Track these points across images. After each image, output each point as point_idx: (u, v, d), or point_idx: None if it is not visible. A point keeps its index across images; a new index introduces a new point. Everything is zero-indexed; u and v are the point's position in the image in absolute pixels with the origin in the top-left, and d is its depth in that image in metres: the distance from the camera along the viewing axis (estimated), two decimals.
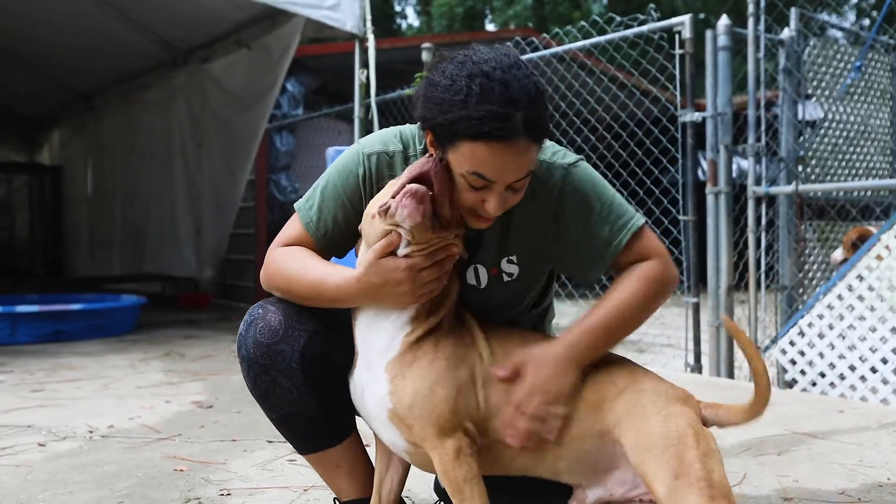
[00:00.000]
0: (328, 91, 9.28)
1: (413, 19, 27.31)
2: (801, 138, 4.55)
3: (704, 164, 4.73)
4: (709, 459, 1.38)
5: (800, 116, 4.57)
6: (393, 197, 1.39)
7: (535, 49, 5.11)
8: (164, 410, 3.26)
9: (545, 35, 5.15)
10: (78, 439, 2.81)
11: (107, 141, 10.10)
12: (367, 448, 1.75)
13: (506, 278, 1.63)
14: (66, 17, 7.76)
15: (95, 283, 8.72)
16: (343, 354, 1.57)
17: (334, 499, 1.74)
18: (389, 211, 1.39)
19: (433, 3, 21.68)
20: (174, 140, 8.49)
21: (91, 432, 2.90)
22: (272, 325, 1.57)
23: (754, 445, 2.69)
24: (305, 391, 1.58)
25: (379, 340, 1.49)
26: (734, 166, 4.29)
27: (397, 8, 26.73)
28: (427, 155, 1.44)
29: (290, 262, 1.56)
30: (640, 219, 1.58)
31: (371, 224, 1.46)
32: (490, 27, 22.46)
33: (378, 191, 1.56)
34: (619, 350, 4.94)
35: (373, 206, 1.48)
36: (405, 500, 1.75)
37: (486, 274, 1.63)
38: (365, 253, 1.46)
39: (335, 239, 1.61)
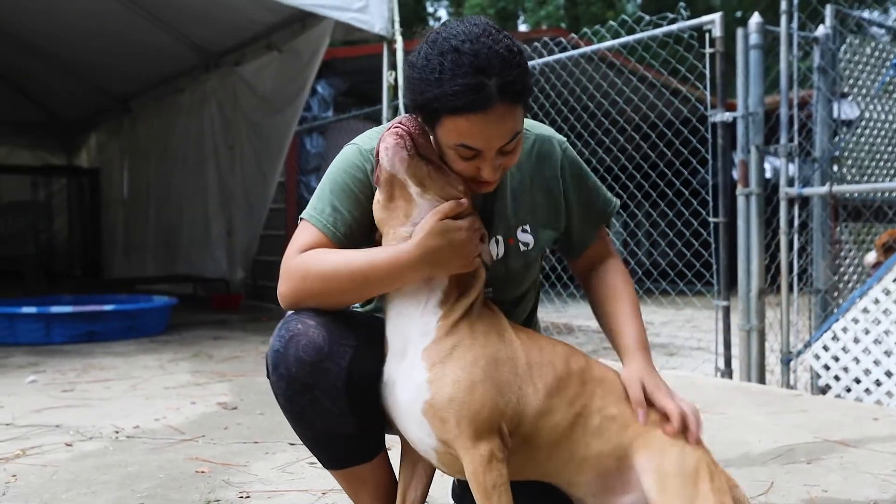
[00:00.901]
0: (358, 93, 9.32)
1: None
2: (837, 138, 4.45)
3: None
4: (724, 496, 1.39)
5: (835, 115, 4.47)
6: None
7: (564, 49, 5.06)
8: (190, 412, 3.28)
9: (573, 35, 5.11)
10: (104, 440, 2.84)
11: (142, 144, 10.25)
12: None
13: (522, 248, 1.67)
14: (104, 22, 7.91)
15: (130, 284, 8.85)
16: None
17: None
18: (380, 164, 1.41)
19: (465, 5, 21.66)
20: (207, 142, 8.59)
21: (117, 433, 2.93)
22: (316, 341, 1.46)
23: (784, 453, 2.63)
24: (347, 410, 1.49)
25: (411, 327, 1.44)
26: (769, 167, 4.21)
27: (430, 10, 26.80)
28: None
29: (321, 261, 1.48)
30: (616, 199, 1.80)
31: (383, 206, 1.47)
32: (522, 28, 22.39)
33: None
34: (652, 355, 4.87)
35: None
36: None
37: (503, 244, 1.65)
38: (420, 218, 1.43)
39: (355, 238, 1.56)
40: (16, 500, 2.18)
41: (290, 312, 1.53)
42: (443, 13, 27.90)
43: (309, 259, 1.50)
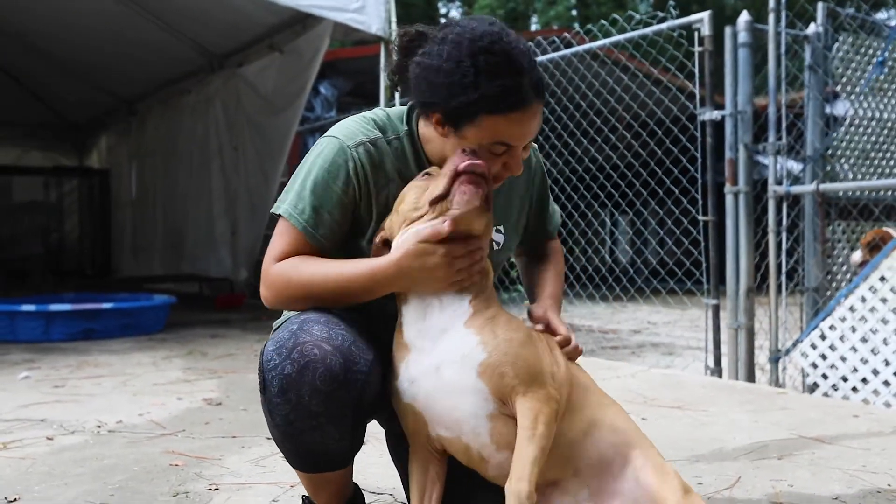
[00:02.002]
0: (361, 93, 9.37)
1: None
2: (827, 136, 4.43)
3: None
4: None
5: (828, 112, 4.46)
6: (446, 188, 1.43)
7: (563, 48, 5.07)
8: (174, 407, 3.32)
9: (569, 33, 5.12)
10: (85, 434, 2.88)
11: (149, 145, 10.36)
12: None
13: (495, 246, 1.70)
14: (113, 27, 8.03)
15: (137, 283, 8.94)
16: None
17: (303, 497, 1.74)
18: (447, 199, 1.43)
19: (475, 6, 21.68)
20: (211, 143, 8.68)
21: (99, 427, 2.97)
22: (334, 370, 1.41)
23: (756, 449, 2.63)
24: (347, 435, 1.48)
25: (444, 314, 1.47)
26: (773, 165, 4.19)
27: (442, 10, 26.85)
28: (460, 150, 1.47)
29: (300, 269, 1.51)
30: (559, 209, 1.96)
31: (406, 214, 1.49)
32: (534, 28, 22.37)
33: (370, 182, 1.56)
34: (650, 353, 4.82)
35: (414, 197, 1.49)
36: None
37: None
38: (401, 238, 1.46)
39: (336, 242, 1.57)
40: None
41: (295, 324, 1.47)
42: (455, 14, 27.95)
43: (290, 269, 1.52)
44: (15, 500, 2.14)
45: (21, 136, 12.73)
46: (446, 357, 1.44)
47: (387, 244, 1.52)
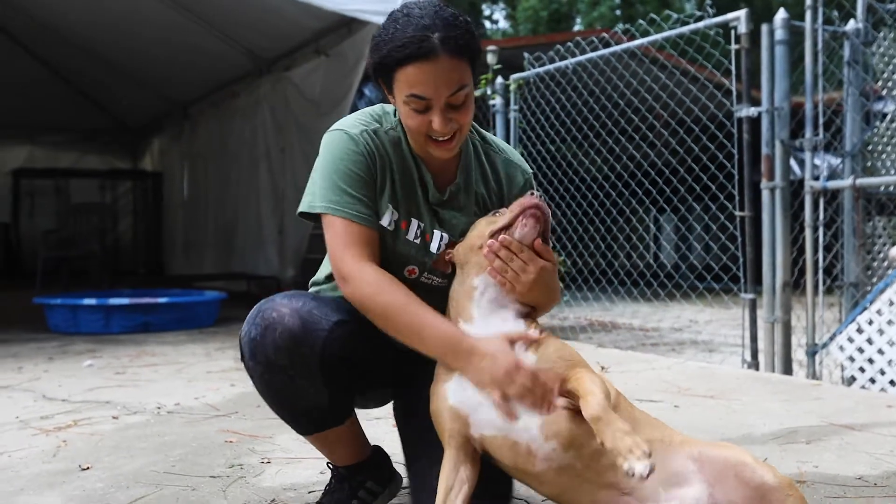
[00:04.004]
0: None
1: (504, 23, 27.48)
2: (869, 133, 4.45)
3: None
4: None
5: (868, 108, 4.47)
6: (510, 221, 1.58)
7: (602, 48, 5.16)
8: (228, 392, 3.52)
9: (608, 33, 5.20)
10: (147, 414, 3.08)
11: (200, 147, 10.69)
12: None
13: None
14: (166, 33, 8.35)
15: (188, 281, 9.25)
16: (358, 342, 1.67)
17: (327, 463, 1.89)
18: (510, 231, 1.57)
19: (518, 7, 21.76)
20: (260, 145, 8.93)
21: (159, 409, 3.18)
22: (292, 329, 1.60)
23: (784, 435, 2.70)
24: (322, 386, 1.65)
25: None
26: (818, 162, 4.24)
27: (486, 12, 26.96)
28: (529, 193, 1.62)
29: (392, 293, 1.60)
30: None
31: (472, 240, 1.63)
32: (578, 28, 22.35)
33: (376, 164, 1.69)
34: (690, 350, 4.86)
35: (482, 228, 1.63)
36: None
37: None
38: (493, 339, 1.53)
39: (379, 222, 1.70)
40: (64, 461, 2.42)
41: (263, 300, 1.69)
42: (499, 16, 28.06)
43: (385, 283, 1.60)
44: (88, 468, 2.34)
45: (79, 141, 13.25)
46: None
47: (453, 267, 1.68)
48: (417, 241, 1.76)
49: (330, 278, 1.84)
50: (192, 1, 7.66)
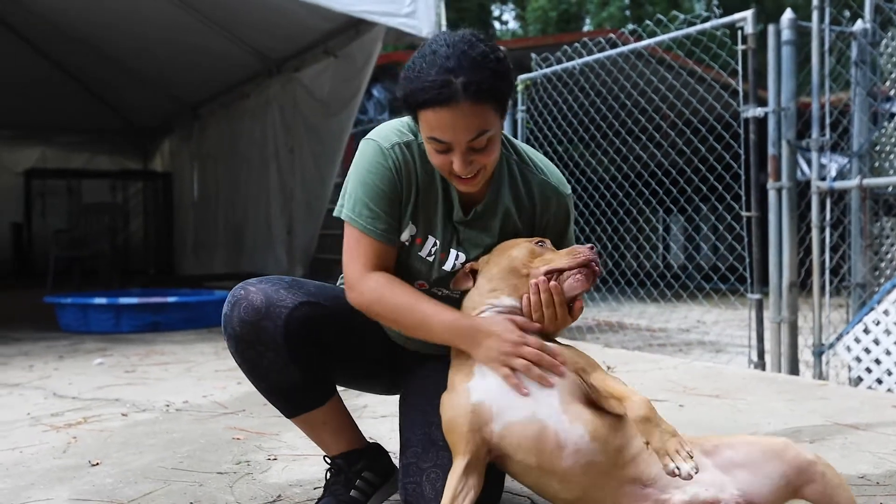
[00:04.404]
0: None
1: (513, 24, 27.49)
2: (877, 133, 4.44)
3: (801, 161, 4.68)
4: None
5: (876, 108, 4.47)
6: (569, 266, 1.59)
7: (614, 47, 5.17)
8: (235, 390, 3.55)
9: (615, 33, 5.21)
10: (155, 412, 3.12)
11: (210, 148, 10.75)
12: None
13: None
14: (176, 35, 8.41)
15: (198, 281, 9.30)
16: (324, 323, 1.77)
17: (324, 457, 1.92)
18: (561, 277, 1.58)
19: (528, 8, 21.77)
20: (269, 146, 8.98)
21: (168, 406, 3.21)
22: (255, 304, 1.71)
23: (789, 434, 2.71)
24: (289, 360, 1.74)
25: None
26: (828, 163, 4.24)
27: (496, 13, 26.96)
28: (589, 246, 1.64)
29: (395, 293, 1.69)
30: None
31: (511, 263, 1.64)
32: (587, 29, 22.35)
33: (404, 179, 1.71)
34: (698, 350, 4.90)
35: (524, 254, 1.64)
36: None
37: None
38: (495, 313, 1.62)
39: (398, 236, 1.76)
40: (74, 457, 2.46)
41: (240, 283, 1.79)
42: (508, 16, 28.06)
43: (385, 288, 1.70)
44: (97, 463, 2.37)
45: (90, 141, 13.35)
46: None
47: (473, 274, 1.70)
48: (431, 258, 1.78)
49: None
50: (201, 2, 7.71)
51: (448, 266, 1.78)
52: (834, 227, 4.21)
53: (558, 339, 1.68)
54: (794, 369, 4.11)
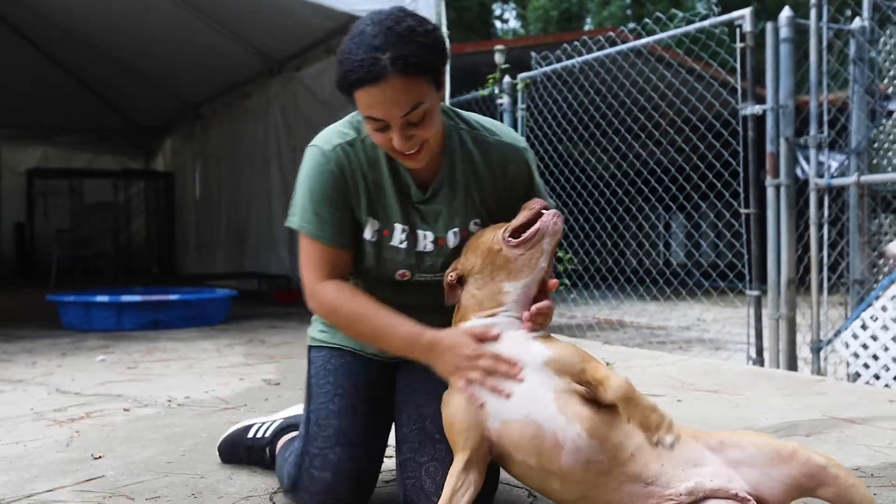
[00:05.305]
0: None
1: (514, 22, 27.53)
2: (875, 130, 4.46)
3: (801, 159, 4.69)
4: None
5: (874, 105, 4.48)
6: (529, 218, 1.64)
7: (608, 46, 5.19)
8: (237, 386, 3.58)
9: (615, 32, 5.24)
10: (157, 407, 3.15)
11: (212, 147, 10.79)
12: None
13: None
14: (178, 35, 8.44)
15: (200, 280, 9.34)
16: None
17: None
18: (539, 231, 1.61)
19: (529, 7, 21.79)
20: (271, 145, 9.01)
21: (169, 401, 3.24)
22: (367, 476, 1.78)
23: (785, 428, 2.73)
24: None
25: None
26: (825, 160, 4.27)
27: (497, 12, 27.00)
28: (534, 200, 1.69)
29: (353, 302, 1.72)
30: (553, 201, 1.91)
31: (486, 245, 1.66)
32: (588, 27, 22.36)
33: (349, 180, 1.71)
34: (697, 348, 4.91)
35: (490, 235, 1.66)
36: None
37: (457, 236, 1.80)
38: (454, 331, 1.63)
39: (352, 239, 1.76)
40: (77, 450, 2.48)
41: (328, 439, 1.77)
42: (509, 15, 28.10)
43: (341, 298, 1.72)
44: (100, 457, 2.40)
45: (92, 141, 13.40)
46: (529, 374, 1.56)
47: (460, 280, 1.70)
48: (403, 245, 1.78)
49: None
50: (203, 2, 7.74)
51: (421, 247, 1.79)
52: (832, 224, 4.23)
53: (559, 337, 1.69)
54: (792, 365, 4.13)
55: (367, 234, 1.78)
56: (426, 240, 1.79)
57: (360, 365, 1.87)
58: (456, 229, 1.80)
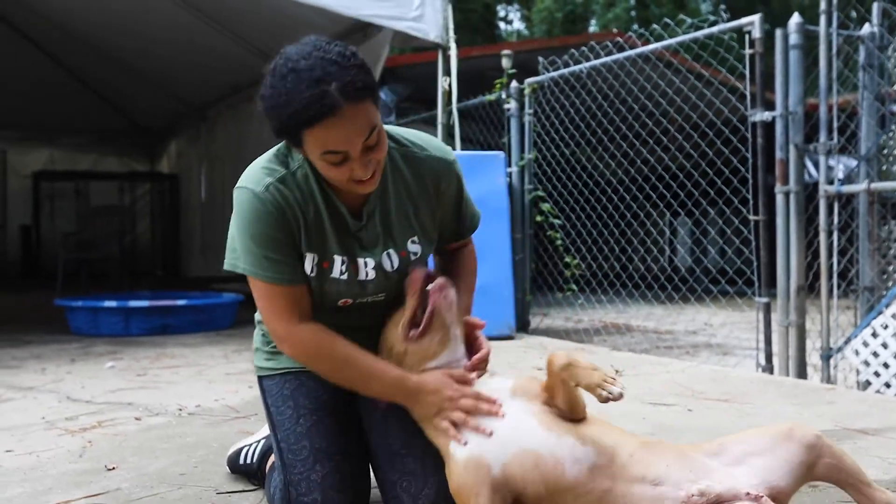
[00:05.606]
0: (420, 98, 9.60)
1: (518, 24, 27.52)
2: (884, 136, 4.45)
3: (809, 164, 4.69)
4: None
5: (884, 111, 4.47)
6: (415, 307, 1.67)
7: (622, 50, 5.19)
8: (246, 394, 3.58)
9: (622, 37, 5.24)
10: (168, 416, 3.15)
11: (217, 149, 10.79)
12: None
13: (412, 257, 1.82)
14: (183, 37, 8.46)
15: (205, 283, 9.35)
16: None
17: None
18: (434, 312, 1.65)
19: (533, 9, 21.79)
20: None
21: (180, 410, 3.24)
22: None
23: None
24: None
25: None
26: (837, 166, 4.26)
27: (501, 14, 26.99)
28: (414, 268, 1.70)
29: (334, 348, 1.70)
30: (479, 211, 1.98)
31: (393, 355, 1.70)
32: (593, 30, 22.35)
33: (289, 216, 1.68)
34: (705, 353, 4.90)
35: (398, 339, 1.69)
36: None
37: (397, 257, 1.79)
38: (430, 375, 1.65)
39: (301, 270, 1.72)
40: (90, 461, 2.49)
41: (305, 461, 1.75)
42: (514, 16, 28.08)
43: (321, 342, 1.70)
44: (114, 468, 2.40)
45: (98, 143, 13.43)
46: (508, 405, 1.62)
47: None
48: (344, 276, 1.76)
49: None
50: (208, 5, 7.76)
51: (362, 276, 1.77)
52: (842, 231, 4.22)
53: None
54: (801, 373, 4.12)
55: (308, 267, 1.73)
56: (367, 267, 1.77)
57: (314, 382, 1.84)
58: (392, 251, 1.79)
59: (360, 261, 1.77)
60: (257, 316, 1.97)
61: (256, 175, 1.70)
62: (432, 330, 1.66)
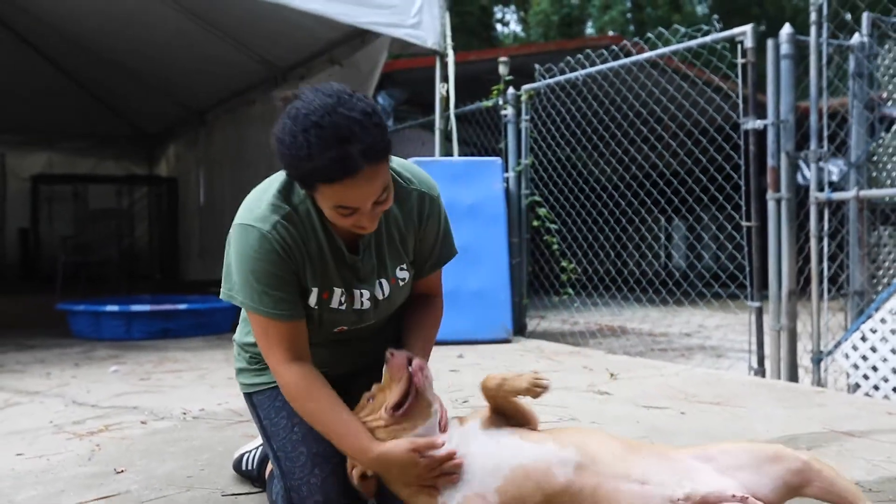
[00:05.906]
0: (418, 102, 9.68)
1: (515, 26, 27.61)
2: (873, 143, 4.54)
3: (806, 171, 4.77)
4: None
5: (872, 119, 4.56)
6: (403, 392, 1.69)
7: (611, 59, 5.27)
8: None
9: (617, 43, 5.32)
10: (173, 419, 3.22)
11: (216, 153, 10.86)
12: None
13: (401, 283, 1.92)
14: (183, 42, 8.52)
15: (204, 286, 9.40)
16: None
17: None
18: (417, 391, 1.69)
19: (530, 12, 21.88)
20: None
21: (185, 414, 3.31)
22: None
23: (786, 441, 2.80)
24: None
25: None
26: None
27: (498, 15, 27.08)
28: (390, 354, 1.72)
29: (313, 397, 1.74)
30: (456, 249, 2.03)
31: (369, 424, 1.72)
32: (590, 32, 22.45)
33: (294, 253, 1.73)
34: (699, 355, 4.98)
35: (381, 418, 1.70)
36: None
37: (388, 285, 1.89)
38: (395, 443, 1.66)
39: (303, 307, 1.79)
40: (99, 465, 2.56)
41: (303, 467, 1.82)
42: (511, 18, 28.17)
43: (306, 389, 1.74)
44: (122, 471, 2.47)
45: (97, 147, 13.46)
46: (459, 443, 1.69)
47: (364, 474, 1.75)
48: (343, 307, 1.85)
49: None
50: (207, 11, 7.82)
51: (357, 306, 1.87)
52: (832, 237, 4.31)
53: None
54: (793, 376, 4.20)
55: (312, 300, 1.80)
56: (363, 297, 1.86)
57: None
58: (383, 280, 1.88)
59: (356, 291, 1.85)
60: (237, 338, 2.07)
61: (262, 213, 1.73)
62: (416, 404, 1.71)
